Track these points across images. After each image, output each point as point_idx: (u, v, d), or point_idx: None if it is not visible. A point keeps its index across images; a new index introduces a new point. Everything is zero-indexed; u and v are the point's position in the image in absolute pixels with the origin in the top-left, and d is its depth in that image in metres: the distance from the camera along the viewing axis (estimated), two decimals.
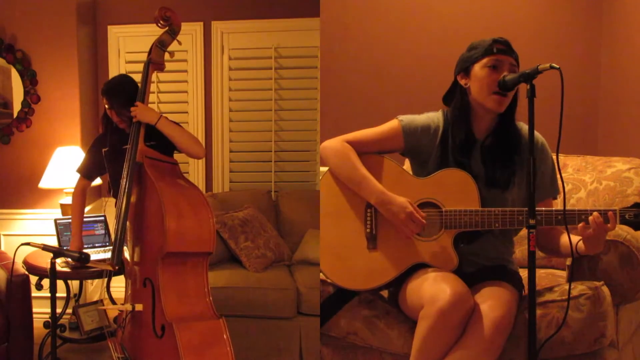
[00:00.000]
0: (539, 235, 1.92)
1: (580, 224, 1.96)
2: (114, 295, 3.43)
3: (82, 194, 2.99)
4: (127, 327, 2.39)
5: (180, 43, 2.59)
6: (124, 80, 2.73)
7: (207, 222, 2.33)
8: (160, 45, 2.53)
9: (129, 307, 2.31)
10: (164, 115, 2.51)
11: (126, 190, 2.34)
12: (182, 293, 2.29)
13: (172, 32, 2.55)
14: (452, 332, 1.92)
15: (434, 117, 2.21)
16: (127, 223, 2.39)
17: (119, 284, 3.07)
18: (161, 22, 2.53)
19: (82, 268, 2.98)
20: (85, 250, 2.92)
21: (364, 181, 2.13)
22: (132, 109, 2.46)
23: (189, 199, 2.35)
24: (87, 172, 2.95)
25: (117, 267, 2.39)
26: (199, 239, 2.32)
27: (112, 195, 2.82)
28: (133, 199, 2.38)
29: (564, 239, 2.09)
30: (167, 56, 2.56)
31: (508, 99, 2.07)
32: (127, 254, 2.49)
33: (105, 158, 2.78)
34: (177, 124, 2.59)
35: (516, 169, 2.14)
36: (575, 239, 2.00)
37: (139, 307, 2.29)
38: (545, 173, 2.16)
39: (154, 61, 2.52)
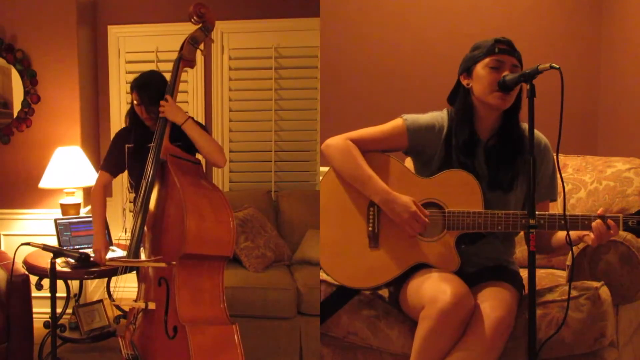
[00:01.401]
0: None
1: (583, 235, 1.96)
2: (114, 295, 3.43)
3: (104, 191, 2.83)
4: (139, 325, 2.38)
5: (213, 41, 2.56)
6: (155, 76, 2.66)
7: (227, 226, 2.30)
8: (193, 42, 2.50)
9: (142, 304, 2.29)
10: (191, 117, 2.49)
11: (148, 185, 2.31)
12: (197, 295, 2.27)
13: (206, 29, 2.52)
14: (453, 332, 1.92)
15: (438, 116, 2.20)
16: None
17: (119, 284, 3.07)
18: (195, 18, 2.49)
19: (82, 268, 2.97)
20: (85, 250, 2.92)
21: (367, 180, 2.13)
22: (162, 102, 2.43)
23: (210, 200, 2.32)
24: (112, 167, 2.80)
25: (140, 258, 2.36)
26: (219, 242, 2.29)
27: (132, 191, 2.77)
28: (154, 196, 2.36)
29: (557, 235, 2.10)
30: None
31: (511, 96, 2.07)
32: (142, 254, 2.48)
33: (128, 155, 2.71)
34: (204, 128, 2.57)
35: (519, 171, 2.13)
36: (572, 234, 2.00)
37: (151, 305, 2.27)
38: (545, 174, 2.16)
39: (185, 58, 2.49)
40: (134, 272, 2.70)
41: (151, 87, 2.56)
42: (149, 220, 2.36)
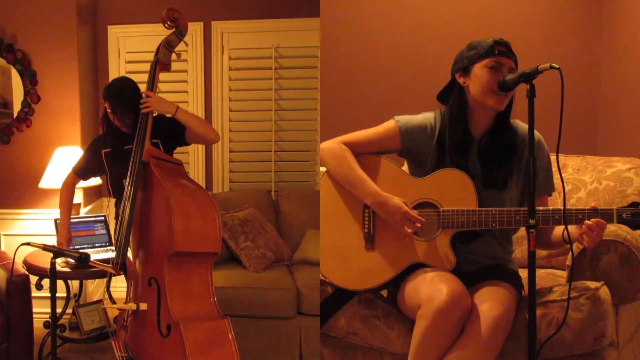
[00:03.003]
0: None
1: (578, 234, 1.96)
2: (114, 295, 3.43)
3: (71, 188, 2.97)
4: (130, 327, 2.39)
5: (187, 44, 2.60)
6: (126, 84, 2.68)
7: (214, 223, 2.33)
8: (168, 46, 2.53)
9: (133, 306, 2.31)
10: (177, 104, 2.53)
11: (132, 190, 2.32)
12: (188, 292, 2.29)
13: (180, 33, 2.55)
14: (450, 332, 1.93)
15: (430, 117, 2.21)
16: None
17: (119, 284, 3.08)
18: (168, 22, 2.53)
19: (82, 268, 2.98)
20: (85, 250, 2.92)
21: (360, 182, 2.14)
22: (145, 97, 2.45)
23: (195, 199, 2.35)
24: (83, 172, 2.93)
25: (121, 273, 2.39)
26: (206, 239, 2.32)
27: (112, 196, 2.81)
28: (137, 199, 2.37)
29: (556, 231, 2.11)
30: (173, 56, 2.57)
31: (508, 97, 2.08)
32: (129, 254, 2.48)
33: (105, 159, 2.76)
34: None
35: (513, 169, 2.14)
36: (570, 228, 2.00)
37: (143, 306, 2.29)
38: (540, 169, 2.16)
39: (161, 61, 2.52)
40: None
41: (123, 96, 2.59)
42: (135, 222, 2.38)
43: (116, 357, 2.38)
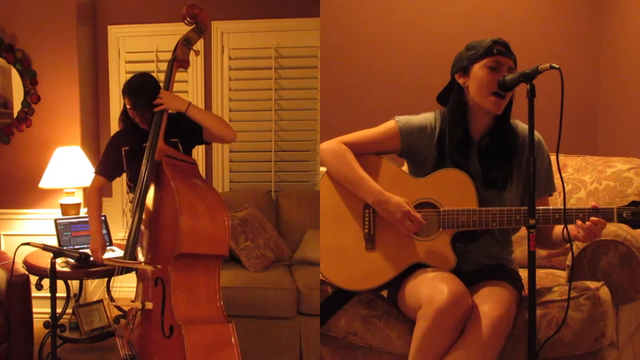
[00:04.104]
0: None
1: (575, 232, 1.96)
2: (114, 295, 3.43)
3: (98, 192, 2.86)
4: (136, 326, 2.39)
5: (203, 39, 2.56)
6: (147, 80, 2.63)
7: (222, 225, 2.30)
8: (186, 43, 2.49)
9: (138, 304, 2.30)
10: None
11: (143, 186, 2.31)
12: (193, 295, 2.28)
13: (199, 30, 2.51)
14: (450, 332, 1.92)
15: (430, 117, 2.21)
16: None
17: (118, 284, 3.07)
18: (188, 19, 2.49)
19: (83, 268, 2.98)
20: (85, 250, 2.92)
21: (361, 182, 2.14)
22: (159, 97, 2.43)
23: (205, 200, 2.33)
24: (107, 171, 2.82)
25: (154, 265, 2.36)
26: (213, 241, 2.30)
27: (130, 193, 2.78)
28: (149, 197, 2.36)
29: (556, 230, 2.11)
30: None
31: (506, 100, 2.08)
32: (139, 253, 2.48)
33: (125, 157, 2.72)
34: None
35: (514, 169, 2.14)
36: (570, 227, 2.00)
37: (148, 305, 2.28)
38: (541, 170, 2.16)
39: (179, 59, 2.49)
40: (133, 272, 2.70)
41: (143, 92, 2.54)
42: (146, 221, 2.37)
43: (120, 355, 2.38)
